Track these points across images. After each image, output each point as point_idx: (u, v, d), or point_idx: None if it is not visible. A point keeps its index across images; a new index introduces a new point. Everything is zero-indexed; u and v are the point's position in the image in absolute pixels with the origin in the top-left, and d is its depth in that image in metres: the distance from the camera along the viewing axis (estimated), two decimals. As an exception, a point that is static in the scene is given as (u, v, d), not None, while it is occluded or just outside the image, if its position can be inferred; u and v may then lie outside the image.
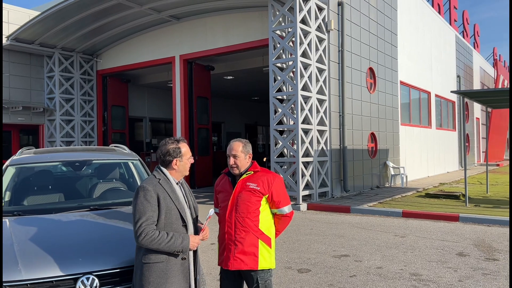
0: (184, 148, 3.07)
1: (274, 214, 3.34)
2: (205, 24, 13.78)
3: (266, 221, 3.26)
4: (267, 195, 3.23)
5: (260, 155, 26.84)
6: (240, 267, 3.19)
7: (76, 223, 3.77)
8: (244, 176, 3.25)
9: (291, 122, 10.79)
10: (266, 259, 3.22)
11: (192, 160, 3.13)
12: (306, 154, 10.82)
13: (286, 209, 3.30)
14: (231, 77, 17.88)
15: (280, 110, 10.72)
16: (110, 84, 17.15)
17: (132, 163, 5.12)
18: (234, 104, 26.09)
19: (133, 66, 15.80)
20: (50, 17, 13.11)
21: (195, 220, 3.12)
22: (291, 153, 10.80)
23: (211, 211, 3.11)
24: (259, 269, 3.20)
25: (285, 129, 10.96)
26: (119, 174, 5.05)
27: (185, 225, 2.98)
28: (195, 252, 3.07)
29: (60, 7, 12.50)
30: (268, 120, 10.64)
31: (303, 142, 10.55)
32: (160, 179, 2.99)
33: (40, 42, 14.72)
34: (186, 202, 3.05)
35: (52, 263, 3.10)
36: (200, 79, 15.27)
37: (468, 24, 29.04)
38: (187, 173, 3.13)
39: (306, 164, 10.81)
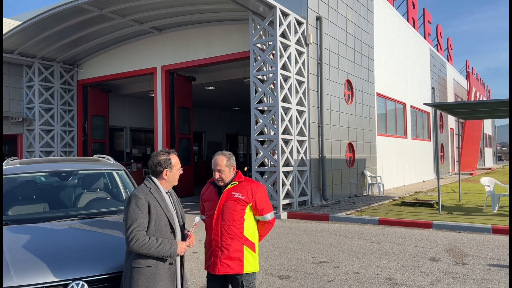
0: (174, 159, 3.27)
1: (257, 221, 3.55)
2: (187, 35, 14.00)
3: (250, 228, 3.47)
4: (251, 204, 3.44)
5: (241, 164, 27.01)
6: (227, 272, 3.38)
7: (64, 232, 3.89)
8: (229, 186, 3.46)
9: (272, 133, 11.05)
10: (250, 263, 3.42)
11: (181, 171, 3.33)
12: (287, 163, 11.09)
13: (269, 216, 3.53)
14: (212, 87, 18.11)
15: (261, 120, 10.98)
16: (90, 94, 17.13)
17: (117, 173, 5.25)
18: (215, 114, 26.27)
19: (114, 76, 15.86)
20: (31, 27, 13.10)
21: (182, 227, 3.30)
22: (272, 163, 11.04)
23: (197, 218, 3.30)
24: (244, 272, 3.40)
25: (266, 139, 11.22)
26: (104, 184, 5.18)
27: (173, 232, 3.17)
28: (181, 257, 3.25)
29: (41, 18, 12.52)
30: (249, 130, 10.89)
31: (283, 152, 10.81)
32: (150, 188, 3.18)
33: (19, 52, 14.65)
34: (174, 210, 3.23)
35: (43, 269, 3.22)
36: (182, 90, 15.43)
37: (441, 37, 30.10)
38: (176, 183, 3.32)
39: (286, 174, 11.07)
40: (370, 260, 6.65)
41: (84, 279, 3.24)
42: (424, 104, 11.47)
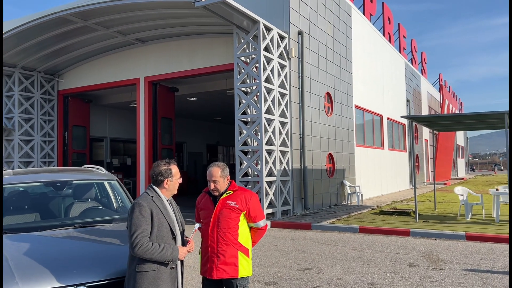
0: (175, 169, 3.47)
1: (250, 228, 3.76)
2: (171, 47, 14.18)
3: (244, 234, 3.68)
4: (245, 211, 3.65)
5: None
6: (223, 276, 3.58)
7: (64, 240, 4.02)
8: (224, 195, 3.66)
9: (256, 143, 11.30)
10: (245, 267, 3.63)
11: (180, 180, 3.52)
12: (270, 173, 11.34)
13: (262, 223, 3.75)
14: (194, 98, 18.28)
15: (245, 131, 11.22)
16: (71, 104, 17.05)
17: (110, 183, 5.39)
18: (196, 124, 26.38)
19: (96, 87, 15.86)
20: (13, 37, 13.04)
21: (182, 234, 3.49)
22: (255, 173, 11.27)
23: (197, 225, 3.50)
24: (239, 277, 3.60)
25: (250, 150, 11.45)
26: (98, 194, 5.30)
27: (174, 238, 3.35)
28: (182, 262, 3.43)
29: (23, 28, 12.50)
30: (230, 140, 11.16)
31: (267, 162, 11.07)
32: (152, 196, 3.36)
33: (-1, 61, 14.51)
34: (175, 217, 3.42)
35: (47, 275, 3.34)
36: (165, 100, 15.55)
37: (416, 51, 31.17)
38: (175, 192, 3.51)
39: (269, 184, 11.32)
40: (352, 266, 6.92)
41: (86, 285, 3.38)
42: (401, 116, 11.96)
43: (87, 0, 15.51)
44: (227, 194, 3.66)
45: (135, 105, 18.75)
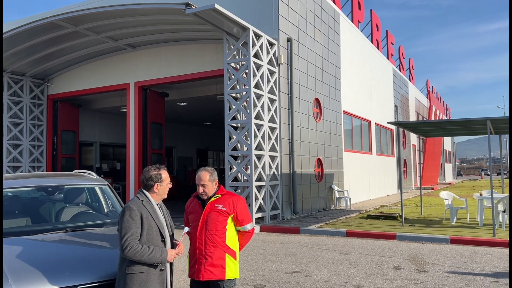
0: (164, 174, 3.59)
1: (238, 231, 3.88)
2: (161, 53, 14.28)
3: (231, 237, 3.80)
4: (232, 215, 3.77)
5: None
6: (210, 278, 3.69)
7: (56, 243, 4.10)
8: (212, 199, 3.78)
9: (245, 148, 11.43)
10: (232, 270, 3.74)
11: (170, 185, 3.64)
12: (259, 178, 11.47)
13: (249, 226, 3.87)
14: (184, 103, 18.37)
15: (234, 137, 11.35)
16: (61, 109, 17.02)
17: (101, 188, 5.47)
18: (186, 129, 26.43)
19: (86, 92, 15.87)
20: (3, 42, 13.02)
21: (172, 237, 3.60)
22: (245, 178, 11.39)
23: (186, 229, 3.62)
24: (226, 278, 3.71)
25: (240, 155, 11.58)
26: (89, 199, 5.39)
27: (164, 240, 3.46)
28: (171, 265, 3.55)
29: (13, 33, 12.48)
30: (220, 145, 11.27)
31: (256, 167, 11.20)
32: (143, 200, 3.47)
33: (-12, 66, 14.49)
34: (164, 221, 3.54)
35: (39, 278, 3.43)
36: (155, 105, 15.62)
37: (403, 58, 31.66)
38: (165, 196, 3.63)
39: (259, 188, 11.44)
40: (339, 269, 7.07)
41: (78, 287, 3.47)
42: (388, 122, 12.19)
43: (78, 5, 15.60)
44: (215, 197, 3.77)
45: (125, 110, 18.78)
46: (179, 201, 13.56)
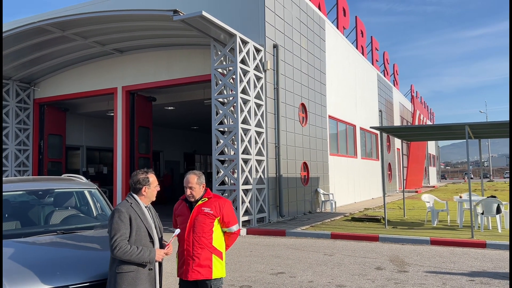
0: (152, 178, 3.76)
1: (224, 232, 4.06)
2: (149, 57, 14.40)
3: (218, 238, 3.97)
4: (219, 217, 3.94)
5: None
6: (197, 278, 3.86)
7: (48, 245, 4.23)
8: (199, 202, 3.95)
9: (232, 153, 11.62)
10: (218, 269, 3.92)
11: (158, 188, 3.81)
12: (246, 182, 11.66)
13: (234, 227, 4.05)
14: (172, 107, 18.48)
15: (222, 141, 11.53)
16: (47, 113, 16.99)
17: (91, 191, 5.61)
18: (173, 133, 26.49)
19: (73, 96, 15.90)
20: (-11, 46, 13.02)
21: (161, 239, 3.77)
22: (232, 181, 11.57)
23: (177, 230, 3.79)
24: (213, 278, 3.89)
25: (227, 159, 11.75)
26: (79, 202, 5.52)
27: (152, 241, 3.63)
28: (160, 265, 3.71)
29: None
30: (207, 149, 11.40)
31: (243, 171, 11.39)
32: (131, 203, 3.64)
33: (-26, 69, 14.42)
34: (153, 223, 3.71)
35: (33, 278, 3.57)
36: (142, 110, 15.71)
37: (388, 63, 32.24)
38: (154, 199, 3.79)
39: (245, 192, 11.63)
40: (323, 270, 7.29)
41: (70, 286, 3.62)
42: (371, 127, 12.51)
43: (65, 9, 15.64)
44: (202, 201, 3.94)
45: (112, 114, 18.82)
46: (167, 205, 13.64)
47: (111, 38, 13.30)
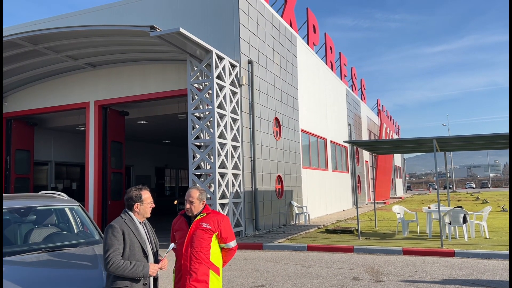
0: (146, 195, 3.82)
1: (222, 248, 4.09)
2: (122, 72, 14.32)
3: (215, 254, 4.02)
4: (217, 233, 3.99)
5: (169, 198, 26.96)
6: None
7: (36, 263, 4.18)
8: (198, 217, 4.00)
9: (209, 167, 11.68)
10: (215, 285, 3.95)
11: (152, 205, 3.87)
12: (222, 196, 11.73)
13: (232, 243, 4.10)
14: (144, 121, 18.35)
15: (198, 155, 11.58)
16: (14, 128, 16.52)
17: (73, 209, 5.57)
18: (144, 147, 26.20)
19: (43, 110, 15.55)
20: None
21: (156, 254, 3.82)
22: (208, 196, 11.61)
23: (172, 245, 3.85)
24: None
25: (203, 173, 11.80)
26: (62, 219, 5.46)
27: (146, 256, 3.69)
28: (155, 280, 3.76)
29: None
30: (178, 163, 11.39)
31: (219, 185, 11.46)
32: (125, 219, 3.69)
33: None
34: (148, 238, 3.76)
35: None
36: (115, 124, 15.53)
37: (356, 78, 33.23)
38: (148, 215, 3.85)
39: (222, 206, 11.69)
40: (302, 282, 7.44)
41: None
42: (344, 141, 12.89)
43: (35, 22, 15.39)
44: (200, 216, 3.99)
45: (82, 128, 18.51)
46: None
47: (84, 53, 13.18)
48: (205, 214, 4.02)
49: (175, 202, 22.79)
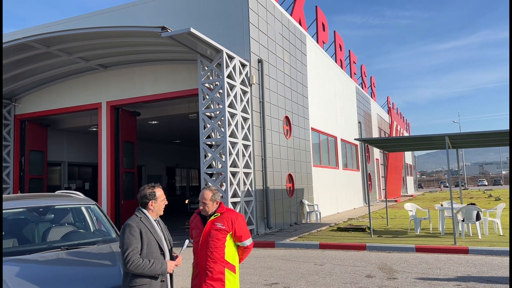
0: (159, 192, 3.86)
1: (237, 246, 4.13)
2: (134, 72, 14.44)
3: (230, 252, 4.05)
4: (231, 232, 4.02)
5: (178, 197, 27.11)
6: None
7: (55, 261, 4.27)
8: (212, 217, 4.04)
9: (220, 166, 11.74)
10: (231, 283, 3.98)
11: (166, 202, 3.92)
12: (234, 194, 11.79)
13: (247, 242, 4.13)
14: (156, 122, 18.49)
15: (210, 154, 11.65)
16: (28, 129, 16.76)
17: (90, 207, 5.66)
18: (155, 147, 26.40)
19: (56, 111, 15.75)
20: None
21: (170, 251, 3.88)
22: (220, 194, 11.66)
23: (186, 241, 3.90)
24: None
25: (215, 172, 11.87)
26: (79, 218, 5.56)
27: (163, 253, 3.74)
28: (171, 276, 3.83)
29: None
30: (189, 162, 11.49)
31: (231, 184, 11.52)
32: (141, 217, 3.74)
33: (-46, 85, 14.16)
34: (162, 235, 3.82)
35: None
36: (127, 125, 15.67)
37: (365, 76, 33.07)
38: (161, 213, 3.90)
39: (234, 204, 11.74)
40: (316, 279, 7.47)
41: None
42: (355, 139, 12.86)
43: (47, 25, 15.59)
44: (215, 216, 4.02)
45: (95, 129, 18.71)
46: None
47: (96, 54, 13.32)
48: (219, 214, 4.04)
49: (186, 201, 22.94)
